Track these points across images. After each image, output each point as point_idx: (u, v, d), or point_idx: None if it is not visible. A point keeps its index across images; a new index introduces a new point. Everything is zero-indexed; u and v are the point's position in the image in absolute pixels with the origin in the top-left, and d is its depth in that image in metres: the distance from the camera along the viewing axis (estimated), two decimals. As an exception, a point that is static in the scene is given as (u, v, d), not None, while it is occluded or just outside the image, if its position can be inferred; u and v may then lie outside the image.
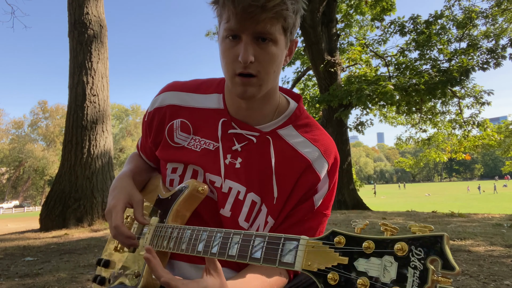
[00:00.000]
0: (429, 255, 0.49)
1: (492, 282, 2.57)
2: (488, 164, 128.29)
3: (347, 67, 14.39)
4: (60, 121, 55.06)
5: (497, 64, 12.31)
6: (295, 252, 0.62)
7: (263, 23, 0.85)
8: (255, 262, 0.67)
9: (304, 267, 0.60)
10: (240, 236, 0.72)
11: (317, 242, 0.61)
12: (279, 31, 0.88)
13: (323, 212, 1.04)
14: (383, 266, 0.53)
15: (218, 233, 0.78)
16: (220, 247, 0.75)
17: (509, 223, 5.57)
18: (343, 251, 0.57)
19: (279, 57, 0.92)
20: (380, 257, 0.53)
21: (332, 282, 0.56)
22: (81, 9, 7.56)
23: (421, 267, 0.49)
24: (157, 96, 1.12)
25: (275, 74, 0.95)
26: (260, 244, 0.68)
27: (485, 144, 14.32)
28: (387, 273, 0.52)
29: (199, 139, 1.03)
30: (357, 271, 0.54)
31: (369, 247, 0.55)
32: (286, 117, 1.05)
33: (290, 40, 0.95)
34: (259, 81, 0.92)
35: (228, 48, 0.90)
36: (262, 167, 0.99)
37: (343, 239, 0.58)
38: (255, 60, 0.89)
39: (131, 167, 1.17)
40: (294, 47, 0.99)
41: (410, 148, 30.27)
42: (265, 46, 0.88)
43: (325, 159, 1.02)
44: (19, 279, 3.03)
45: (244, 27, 0.85)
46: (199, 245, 0.79)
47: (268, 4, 0.82)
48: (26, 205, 54.38)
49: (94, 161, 7.10)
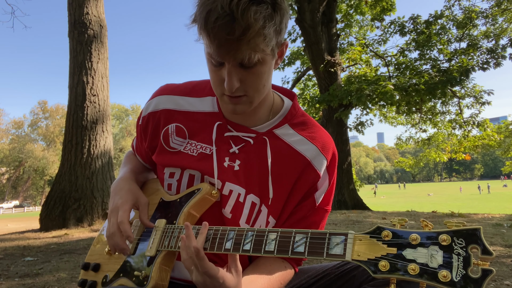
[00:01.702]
0: (470, 243, 0.60)
1: (492, 282, 2.57)
2: (488, 164, 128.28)
3: (347, 67, 14.38)
4: (60, 121, 55.04)
5: (497, 64, 12.31)
6: (344, 245, 0.71)
7: (243, 53, 0.81)
8: (299, 256, 0.75)
9: (353, 258, 0.69)
10: (278, 233, 0.79)
11: (365, 236, 0.70)
12: (262, 52, 0.84)
13: (324, 208, 1.06)
14: (429, 254, 0.62)
15: (249, 231, 0.82)
16: (253, 243, 0.80)
17: (509, 223, 5.57)
18: (391, 243, 0.66)
19: (266, 72, 0.90)
20: (427, 247, 0.63)
21: (383, 269, 0.65)
22: (81, 9, 7.55)
23: (464, 254, 0.60)
24: (151, 100, 1.10)
25: (266, 87, 0.94)
26: (302, 240, 0.76)
27: (485, 144, 14.32)
28: (434, 259, 0.62)
29: (195, 144, 1.03)
30: (406, 259, 0.64)
31: (415, 239, 0.64)
32: (281, 116, 1.05)
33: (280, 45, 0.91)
34: (249, 99, 0.92)
35: (213, 70, 0.89)
36: (261, 168, 0.99)
37: (390, 233, 0.67)
38: (242, 83, 0.87)
39: (132, 168, 1.16)
40: (285, 49, 0.95)
41: (410, 148, 30.28)
42: (250, 70, 0.86)
43: (324, 155, 1.03)
44: (19, 279, 3.03)
45: (225, 58, 0.83)
46: (226, 243, 0.84)
47: (244, 38, 0.79)
48: (26, 205, 54.36)
49: (94, 161, 7.10)
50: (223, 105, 0.93)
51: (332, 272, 1.00)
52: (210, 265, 0.80)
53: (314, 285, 1.02)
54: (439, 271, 0.60)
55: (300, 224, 1.01)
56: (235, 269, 0.84)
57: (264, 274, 0.94)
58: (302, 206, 1.02)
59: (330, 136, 1.09)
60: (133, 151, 1.25)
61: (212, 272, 0.79)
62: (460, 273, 0.59)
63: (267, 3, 0.80)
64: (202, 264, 0.79)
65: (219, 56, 0.83)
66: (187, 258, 0.83)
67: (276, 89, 1.11)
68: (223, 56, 0.82)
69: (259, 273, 0.95)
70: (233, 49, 0.80)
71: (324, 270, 1.02)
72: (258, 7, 0.78)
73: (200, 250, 0.79)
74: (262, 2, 0.79)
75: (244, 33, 0.78)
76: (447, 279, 0.59)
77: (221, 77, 0.88)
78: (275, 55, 0.90)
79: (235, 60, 0.83)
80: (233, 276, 0.83)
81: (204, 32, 0.80)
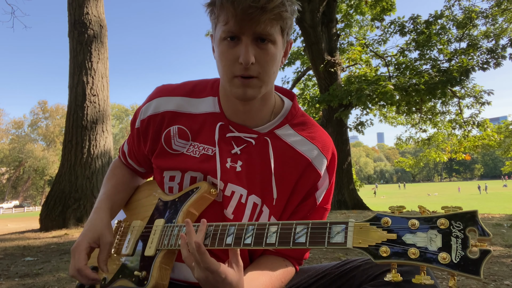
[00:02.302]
0: (467, 226, 0.62)
1: (492, 282, 2.57)
2: (488, 164, 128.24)
3: (347, 67, 14.38)
4: (60, 121, 55.02)
5: (497, 64, 12.30)
6: (345, 233, 0.72)
7: (263, 24, 0.84)
8: (300, 247, 0.76)
9: (355, 245, 0.70)
10: (278, 226, 0.80)
11: (365, 223, 0.71)
12: (277, 32, 0.88)
13: (324, 207, 1.06)
14: (428, 238, 0.64)
15: (249, 225, 0.83)
16: (255, 237, 0.81)
17: (509, 223, 5.56)
18: (390, 229, 0.68)
19: (277, 57, 0.92)
20: (425, 231, 0.65)
21: (384, 254, 0.66)
22: (81, 9, 7.55)
23: (462, 236, 0.62)
24: (149, 102, 1.07)
25: (274, 75, 0.95)
26: (303, 231, 0.77)
27: (485, 144, 14.31)
28: (433, 243, 0.64)
29: (197, 145, 1.02)
30: (406, 244, 0.65)
31: (414, 224, 0.66)
32: (282, 117, 1.05)
33: (287, 41, 0.96)
34: (259, 82, 0.91)
35: (227, 49, 0.89)
36: (263, 169, 0.99)
37: (389, 220, 0.69)
38: (256, 62, 0.88)
39: (109, 189, 1.13)
40: (289, 48, 0.99)
41: (410, 148, 30.25)
42: (265, 47, 0.88)
43: (324, 155, 1.03)
44: (19, 279, 3.03)
45: (244, 28, 0.85)
46: (227, 238, 0.84)
47: (268, 6, 0.82)
48: (26, 205, 54.34)
49: (94, 161, 7.10)
50: (232, 89, 0.91)
51: (332, 272, 1.00)
52: (211, 260, 0.80)
53: (314, 284, 1.02)
54: (439, 254, 0.62)
55: None
56: (236, 264, 0.84)
57: (266, 272, 0.95)
58: (303, 205, 1.02)
59: (329, 136, 1.10)
60: (120, 160, 1.22)
61: (214, 267, 0.79)
62: (459, 255, 0.61)
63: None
64: (203, 259, 0.79)
65: (240, 27, 0.85)
66: (188, 255, 0.83)
67: (276, 89, 1.11)
68: (243, 26, 0.84)
69: (260, 271, 0.95)
70: (256, 18, 0.83)
71: (324, 270, 1.03)
72: None
73: (201, 245, 0.79)
74: None
75: (269, 1, 0.81)
76: (447, 261, 0.61)
77: (235, 55, 0.88)
78: (284, 45, 0.94)
79: (255, 32, 0.85)
80: (235, 271, 0.83)
81: (228, 2, 0.83)
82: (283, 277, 0.98)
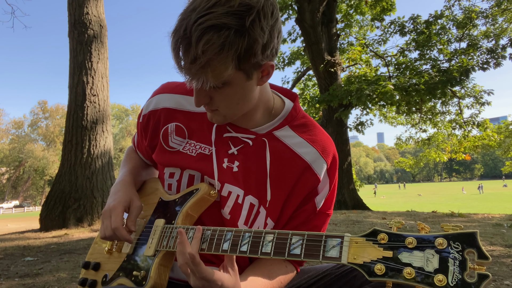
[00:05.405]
0: (466, 248, 0.60)
1: (492, 282, 2.57)
2: (488, 164, 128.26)
3: (347, 67, 14.38)
4: (60, 121, 55.03)
5: (497, 64, 12.31)
6: (340, 247, 0.71)
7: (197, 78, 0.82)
8: (295, 258, 0.75)
9: (349, 261, 0.69)
10: (274, 235, 0.79)
11: (361, 239, 0.69)
12: (227, 70, 0.80)
13: (325, 212, 1.05)
14: (425, 258, 0.62)
15: (246, 232, 0.82)
16: (250, 245, 0.80)
17: (509, 223, 5.56)
18: (387, 246, 0.66)
19: (239, 92, 0.88)
20: (422, 251, 0.63)
21: (379, 272, 0.65)
22: (81, 9, 7.55)
23: (460, 258, 0.60)
24: (151, 98, 1.10)
25: (242, 104, 0.92)
26: (299, 242, 0.76)
27: (485, 145, 14.32)
28: (430, 263, 0.61)
29: (194, 144, 1.02)
30: (402, 263, 0.63)
31: (411, 243, 0.64)
32: (282, 118, 1.03)
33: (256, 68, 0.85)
34: (222, 113, 0.93)
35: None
36: (259, 170, 0.99)
37: (386, 236, 0.67)
38: (211, 100, 0.89)
39: (130, 169, 1.16)
40: (271, 69, 0.89)
41: (410, 148, 30.27)
42: (217, 90, 0.86)
43: (324, 159, 1.01)
44: (19, 279, 3.03)
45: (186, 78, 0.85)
46: (223, 244, 0.83)
47: (194, 65, 0.79)
48: (26, 205, 54.35)
49: (94, 161, 7.09)
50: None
51: (332, 273, 1.00)
52: (206, 270, 0.79)
53: (314, 285, 1.02)
54: (435, 276, 0.60)
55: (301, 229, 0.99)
56: (232, 268, 0.84)
57: (265, 274, 0.94)
58: (302, 210, 1.01)
59: (331, 139, 1.07)
60: (134, 147, 1.25)
61: (209, 276, 0.79)
62: (456, 278, 0.59)
63: (230, 28, 0.75)
64: (198, 270, 0.79)
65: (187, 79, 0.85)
66: (183, 264, 0.82)
67: (277, 89, 1.09)
68: (184, 76, 0.84)
69: (259, 272, 0.94)
70: (190, 73, 0.81)
71: (325, 271, 1.02)
72: (215, 34, 0.75)
73: (195, 256, 0.79)
74: (223, 27, 0.75)
75: (195, 61, 0.77)
76: (443, 283, 0.59)
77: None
78: (250, 77, 0.85)
79: (192, 82, 0.84)
80: (231, 276, 0.83)
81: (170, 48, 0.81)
82: (282, 279, 0.97)
